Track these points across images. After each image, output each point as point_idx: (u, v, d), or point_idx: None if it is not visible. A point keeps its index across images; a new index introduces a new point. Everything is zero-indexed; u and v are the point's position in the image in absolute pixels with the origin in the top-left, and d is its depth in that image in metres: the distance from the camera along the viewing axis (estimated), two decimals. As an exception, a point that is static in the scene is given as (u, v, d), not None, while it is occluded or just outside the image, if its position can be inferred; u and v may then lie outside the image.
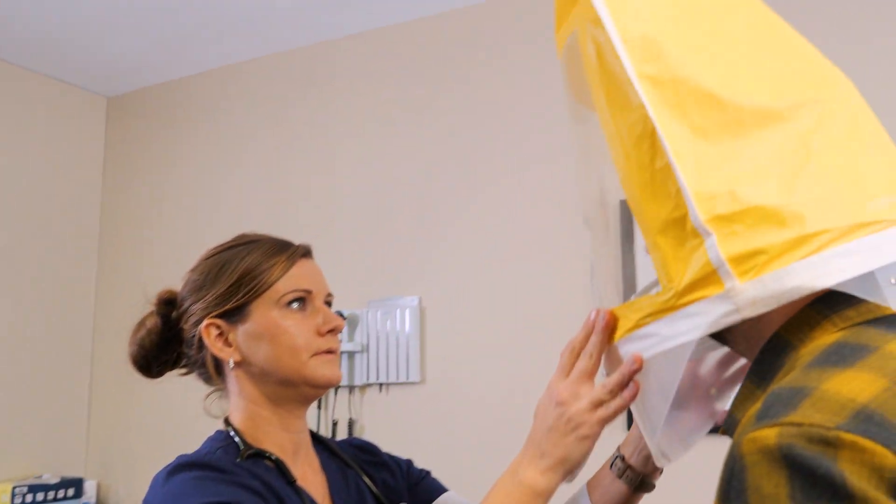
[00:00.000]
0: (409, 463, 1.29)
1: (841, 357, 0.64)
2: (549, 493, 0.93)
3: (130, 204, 3.27)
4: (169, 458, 1.04)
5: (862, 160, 0.74)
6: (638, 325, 0.81)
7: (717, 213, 0.70)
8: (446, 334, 2.55)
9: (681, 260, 0.73)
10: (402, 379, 2.57)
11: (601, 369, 0.92)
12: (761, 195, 0.70)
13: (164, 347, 1.17)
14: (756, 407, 0.63)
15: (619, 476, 1.08)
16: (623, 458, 1.08)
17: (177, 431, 2.86)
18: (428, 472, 1.29)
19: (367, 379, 2.62)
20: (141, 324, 1.18)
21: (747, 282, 0.69)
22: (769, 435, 0.58)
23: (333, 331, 1.13)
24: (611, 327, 0.88)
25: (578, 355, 0.92)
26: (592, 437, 0.90)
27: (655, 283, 0.78)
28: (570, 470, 0.92)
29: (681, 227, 0.73)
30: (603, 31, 0.78)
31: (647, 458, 1.06)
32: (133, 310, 1.20)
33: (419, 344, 2.57)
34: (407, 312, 2.58)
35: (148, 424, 3.04)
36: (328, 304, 1.17)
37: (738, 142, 0.72)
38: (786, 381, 0.64)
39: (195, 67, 3.14)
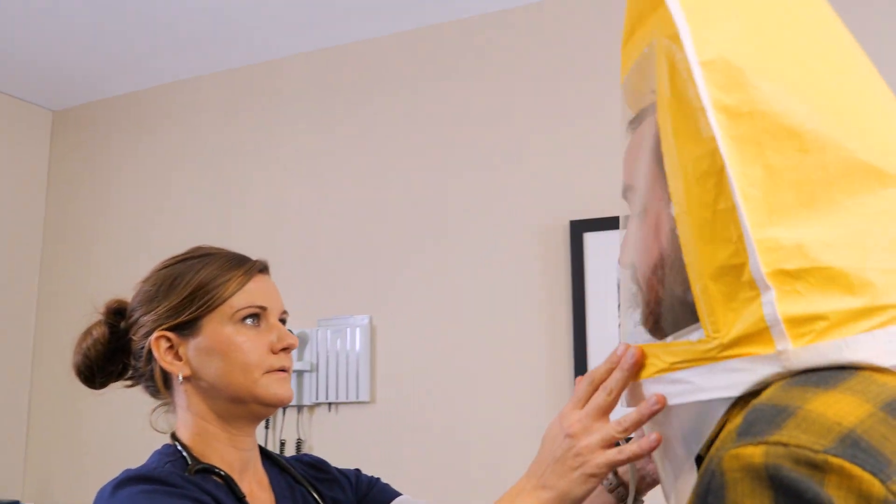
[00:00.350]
0: (357, 473, 1.28)
1: (822, 378, 0.62)
2: None
3: (74, 218, 3.19)
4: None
5: None
6: (671, 369, 0.75)
7: (781, 267, 0.64)
8: (397, 354, 2.54)
9: (732, 311, 0.67)
10: (352, 398, 2.55)
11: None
12: (832, 255, 0.64)
13: (109, 358, 1.15)
14: (735, 423, 0.61)
15: (610, 491, 1.06)
16: (616, 474, 1.06)
17: (120, 453, 2.79)
18: (377, 479, 1.28)
19: (317, 398, 2.59)
20: (87, 333, 1.15)
21: (801, 347, 0.64)
22: (754, 453, 0.56)
23: (287, 349, 1.11)
24: (639, 366, 0.81)
25: (597, 388, 0.86)
26: (598, 477, 0.86)
27: (695, 328, 0.73)
28: None
29: (737, 275, 0.67)
30: (680, 48, 0.70)
31: (642, 478, 1.04)
32: (75, 326, 1.17)
33: (369, 363, 2.56)
34: (357, 331, 2.57)
35: (90, 445, 2.96)
36: (283, 321, 1.16)
37: (816, 191, 0.66)
38: (765, 397, 0.62)
39: (142, 83, 3.09)
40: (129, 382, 1.17)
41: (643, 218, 0.81)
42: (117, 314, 1.16)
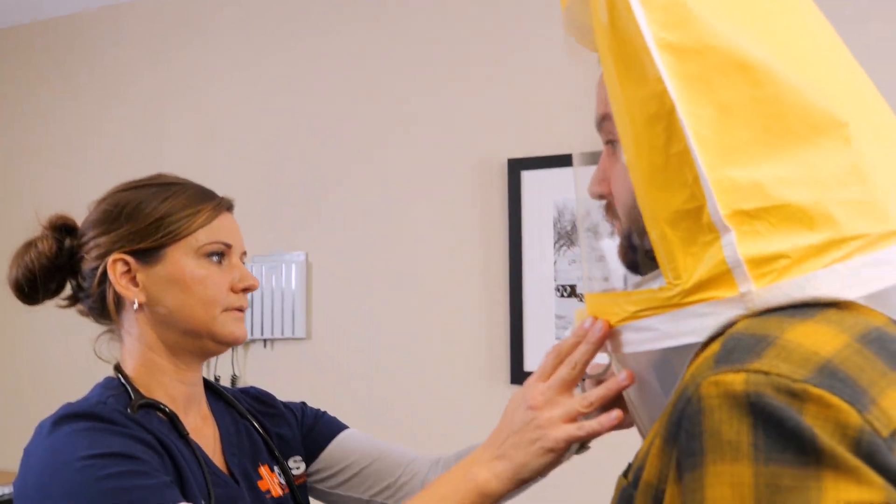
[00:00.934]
0: (302, 406, 1.28)
1: (798, 309, 0.62)
2: (497, 498, 0.89)
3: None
4: (33, 418, 0.99)
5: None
6: (636, 317, 0.73)
7: (739, 207, 0.63)
8: (333, 290, 2.54)
9: (691, 255, 0.66)
10: (288, 335, 2.55)
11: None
12: (790, 191, 0.63)
13: (51, 274, 1.11)
14: (712, 350, 0.61)
15: None
16: None
17: (44, 389, 2.75)
18: (323, 413, 1.28)
19: (252, 335, 2.58)
20: (30, 245, 1.11)
21: (764, 287, 0.63)
22: (735, 380, 0.56)
23: (247, 289, 1.11)
24: (605, 339, 0.79)
25: (563, 360, 0.85)
26: (556, 452, 0.84)
27: (656, 276, 0.71)
28: (525, 479, 0.87)
29: (695, 219, 0.65)
30: None
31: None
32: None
33: (305, 299, 2.55)
34: (293, 268, 2.55)
35: (10, 381, 2.90)
36: (242, 262, 1.14)
37: (770, 126, 0.64)
38: (742, 326, 0.62)
39: (69, 7, 2.96)
40: (65, 302, 1.14)
41: (621, 147, 0.77)
42: (62, 230, 1.12)
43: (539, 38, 2.35)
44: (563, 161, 2.25)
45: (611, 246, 0.84)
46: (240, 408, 1.19)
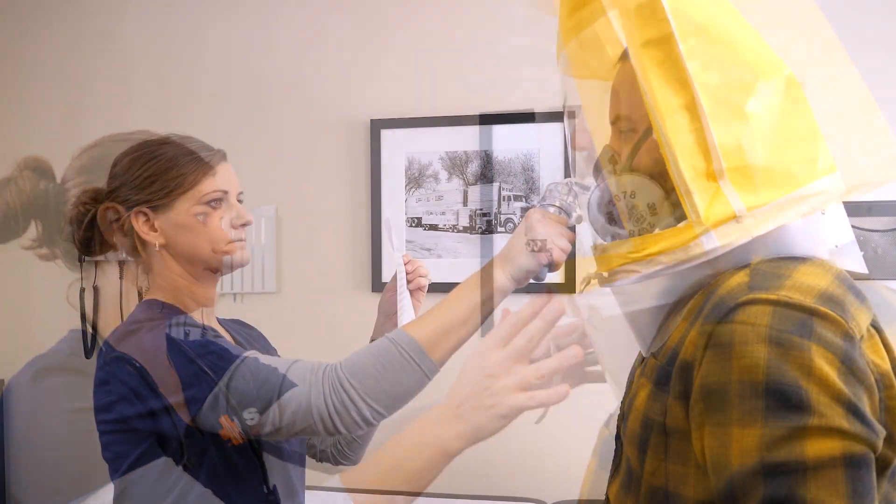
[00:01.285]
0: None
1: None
2: (455, 455, 0.98)
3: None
4: None
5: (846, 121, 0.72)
6: (607, 281, 0.76)
7: (703, 170, 0.65)
8: (302, 244, 2.54)
9: (658, 220, 0.69)
10: (258, 289, 2.55)
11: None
12: (751, 153, 0.66)
13: (27, 212, 1.20)
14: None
15: None
16: None
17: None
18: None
19: (221, 289, 2.57)
20: (9, 181, 1.19)
21: (729, 248, 0.67)
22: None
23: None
24: (559, 318, 0.86)
25: (519, 330, 0.93)
26: (509, 419, 0.94)
27: (625, 241, 0.74)
28: (479, 439, 0.96)
29: (661, 183, 0.68)
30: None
31: None
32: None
33: (275, 253, 2.55)
34: (262, 222, 2.54)
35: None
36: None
37: (730, 94, 0.67)
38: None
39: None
40: (31, 243, 1.21)
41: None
42: (40, 172, 1.19)
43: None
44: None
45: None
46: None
